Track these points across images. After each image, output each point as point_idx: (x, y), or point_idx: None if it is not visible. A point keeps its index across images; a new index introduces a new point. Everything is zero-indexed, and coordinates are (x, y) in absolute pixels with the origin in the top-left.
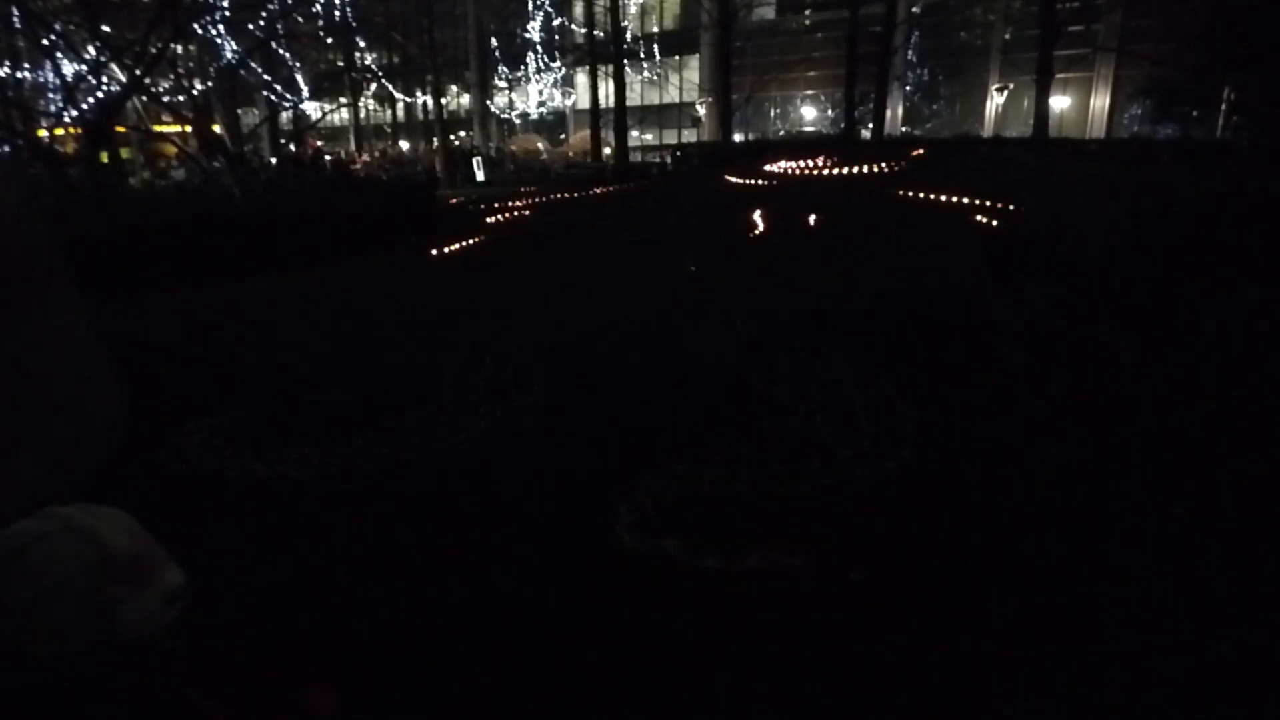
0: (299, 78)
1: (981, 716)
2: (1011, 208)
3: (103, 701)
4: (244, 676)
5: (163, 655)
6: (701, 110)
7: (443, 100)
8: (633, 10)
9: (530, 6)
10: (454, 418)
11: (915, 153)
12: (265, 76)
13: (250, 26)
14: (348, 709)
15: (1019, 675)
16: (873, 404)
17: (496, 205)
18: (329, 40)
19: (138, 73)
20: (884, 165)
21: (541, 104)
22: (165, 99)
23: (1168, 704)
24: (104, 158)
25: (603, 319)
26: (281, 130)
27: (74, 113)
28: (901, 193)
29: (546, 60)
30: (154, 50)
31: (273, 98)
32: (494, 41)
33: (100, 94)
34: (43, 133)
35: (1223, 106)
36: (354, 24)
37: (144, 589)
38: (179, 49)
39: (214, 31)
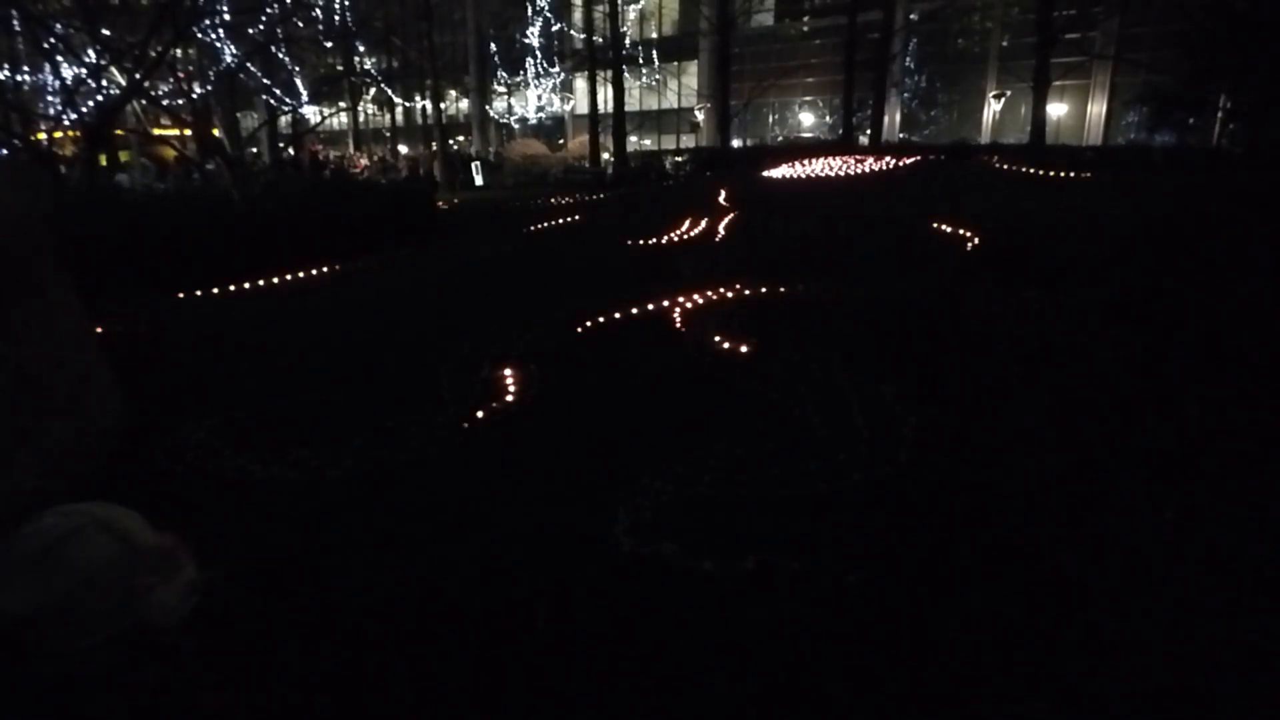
0: (298, 82)
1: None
2: None
3: (116, 695)
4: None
5: (173, 651)
6: (700, 116)
7: (442, 105)
8: (632, 16)
9: (529, 12)
10: (451, 419)
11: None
12: (265, 80)
13: (250, 30)
14: (347, 711)
15: (1014, 678)
16: (870, 408)
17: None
18: (328, 44)
19: (137, 76)
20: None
21: (540, 109)
22: (165, 102)
23: (1162, 706)
24: (103, 161)
25: (600, 319)
26: (281, 134)
27: (73, 116)
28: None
29: (545, 65)
30: (154, 54)
31: (272, 101)
32: (493, 46)
33: (100, 97)
34: (41, 135)
35: (1218, 113)
36: (354, 28)
37: (169, 579)
38: (179, 53)
39: (214, 36)
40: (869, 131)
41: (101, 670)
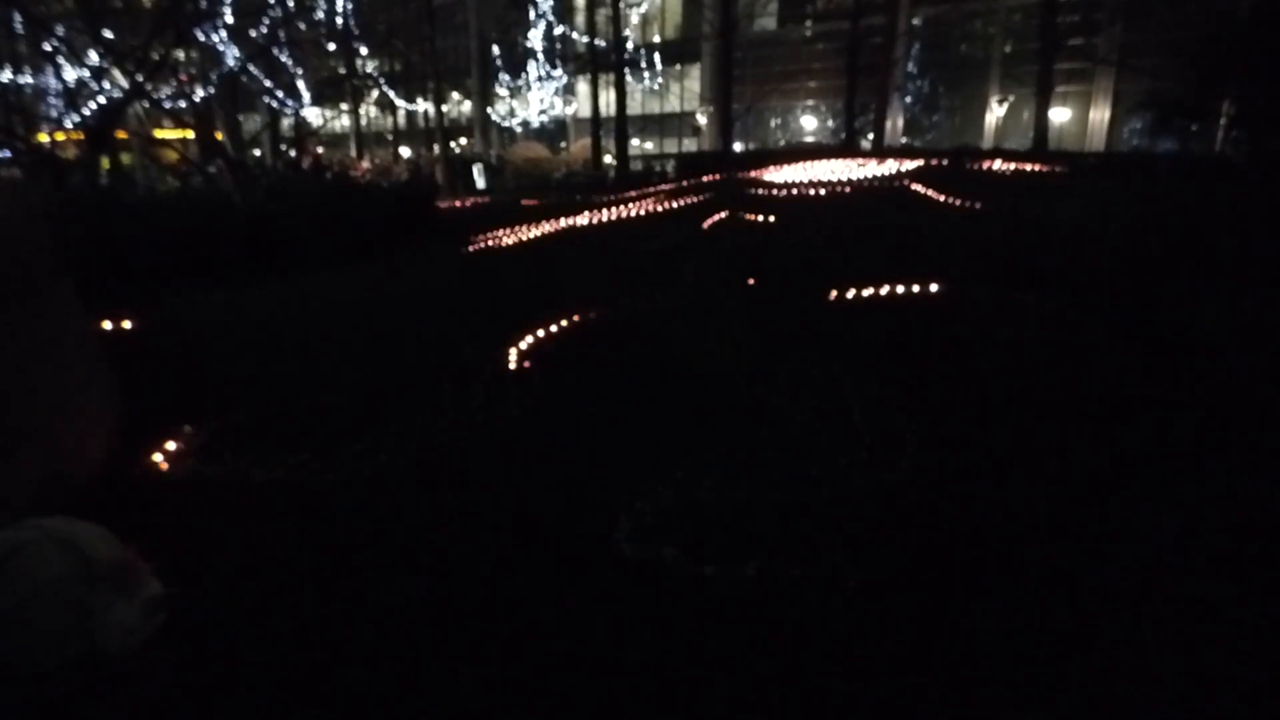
0: (300, 84)
1: None
2: None
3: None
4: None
5: (152, 665)
6: (702, 120)
7: (444, 108)
8: (634, 19)
9: (532, 15)
10: (452, 424)
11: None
12: (266, 83)
13: (252, 33)
14: (347, 716)
15: (1016, 685)
16: (871, 414)
17: None
18: (331, 47)
19: (139, 79)
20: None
21: (542, 112)
22: (167, 105)
23: (1164, 713)
24: (105, 164)
25: (599, 320)
26: (283, 136)
27: (75, 118)
28: None
29: (548, 69)
30: (156, 56)
31: (274, 104)
32: (495, 49)
33: (101, 99)
34: (43, 137)
35: (1221, 121)
36: (356, 31)
37: (125, 598)
38: (181, 55)
39: (216, 38)
40: (871, 136)
41: (66, 697)
